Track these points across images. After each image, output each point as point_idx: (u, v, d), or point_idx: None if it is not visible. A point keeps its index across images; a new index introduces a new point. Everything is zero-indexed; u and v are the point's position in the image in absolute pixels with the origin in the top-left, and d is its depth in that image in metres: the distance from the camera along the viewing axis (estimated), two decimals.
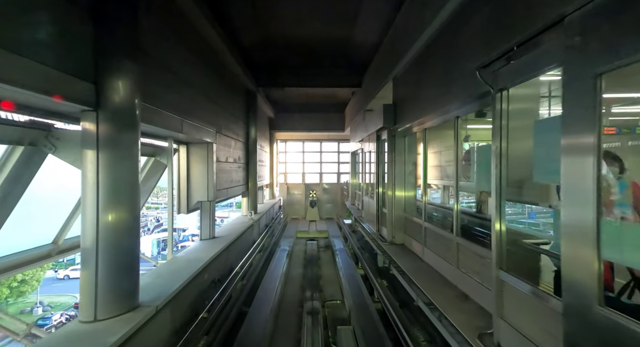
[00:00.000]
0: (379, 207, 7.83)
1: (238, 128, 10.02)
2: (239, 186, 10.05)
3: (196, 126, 6.38)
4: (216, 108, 7.74)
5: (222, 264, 6.74)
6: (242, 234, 8.45)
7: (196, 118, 6.42)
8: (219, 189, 7.85)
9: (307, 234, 14.88)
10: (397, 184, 6.75)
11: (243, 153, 10.80)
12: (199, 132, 6.62)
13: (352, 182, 15.11)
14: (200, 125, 6.61)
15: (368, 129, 8.95)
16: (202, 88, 6.83)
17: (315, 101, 17.01)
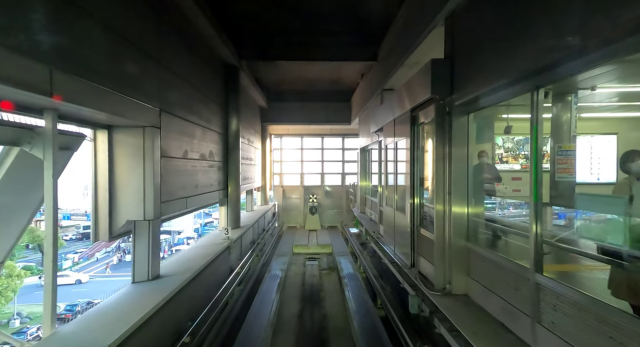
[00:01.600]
0: (415, 228, 5.11)
1: (209, 113, 7.24)
2: (211, 193, 7.28)
3: (110, 93, 3.61)
4: (164, 75, 4.97)
5: (162, 327, 3.98)
6: (208, 266, 5.67)
7: (113, 80, 3.65)
8: (169, 200, 5.07)
9: (306, 250, 12.12)
10: (455, 194, 4.02)
11: (219, 148, 8.02)
12: (121, 107, 3.85)
13: (361, 185, 12.33)
14: (123, 95, 3.84)
15: (391, 113, 6.25)
16: (132, 36, 4.07)
17: (316, 87, 14.23)
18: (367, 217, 11.17)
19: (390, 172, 6.84)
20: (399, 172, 6.16)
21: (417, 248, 5.14)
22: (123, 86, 3.89)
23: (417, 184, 5.19)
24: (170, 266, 5.20)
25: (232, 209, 8.67)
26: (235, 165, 8.82)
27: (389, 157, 7.01)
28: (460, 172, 4.08)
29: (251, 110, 12.34)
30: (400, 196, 6.16)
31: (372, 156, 11.19)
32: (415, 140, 5.22)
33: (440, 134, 4.26)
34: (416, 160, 5.21)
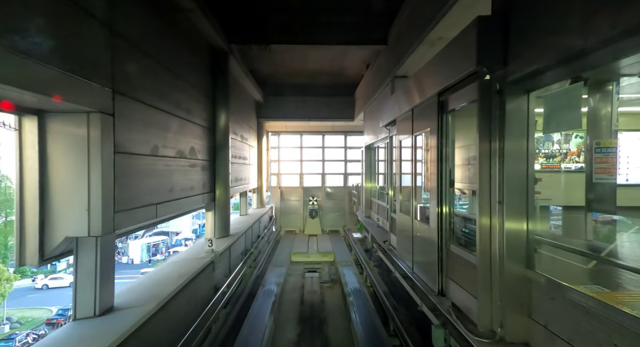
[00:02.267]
0: (443, 244, 4.00)
1: (191, 102, 6.12)
2: (193, 197, 6.15)
3: (26, 62, 2.50)
4: (122, 46, 3.84)
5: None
6: (183, 289, 4.54)
7: (31, 42, 2.55)
8: (129, 209, 3.95)
9: (306, 258, 10.99)
10: (509, 203, 2.92)
11: (204, 144, 6.90)
12: (51, 82, 2.74)
13: (366, 187, 11.20)
14: (49, 66, 2.72)
15: (407, 103, 5.14)
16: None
17: (316, 80, 13.13)
18: (374, 222, 10.05)
19: (407, 172, 5.72)
20: (420, 173, 5.04)
21: (446, 270, 4.01)
22: (52, 52, 2.78)
23: (445, 188, 4.07)
24: (130, 294, 4.07)
25: (220, 215, 7.54)
26: (224, 164, 7.70)
27: (403, 155, 5.89)
28: (517, 174, 2.95)
29: (245, 104, 11.22)
30: (420, 202, 5.04)
31: (380, 155, 10.08)
32: (444, 133, 4.10)
33: (485, 121, 3.13)
34: (445, 159, 4.09)
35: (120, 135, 3.74)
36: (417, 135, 4.99)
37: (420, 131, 4.76)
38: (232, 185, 9.13)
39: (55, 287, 36.21)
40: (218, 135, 7.59)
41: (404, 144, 5.88)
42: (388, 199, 7.09)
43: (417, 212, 5.00)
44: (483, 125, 3.15)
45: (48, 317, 29.41)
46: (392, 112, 6.46)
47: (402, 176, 5.95)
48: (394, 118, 6.31)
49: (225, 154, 7.73)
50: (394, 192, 7.02)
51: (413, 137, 5.10)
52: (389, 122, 6.86)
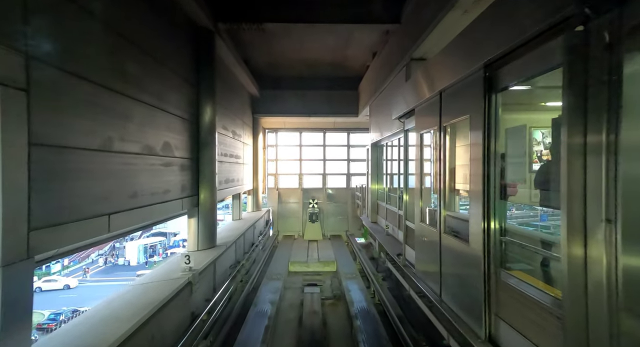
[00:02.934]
0: (492, 271, 2.90)
1: (164, 86, 5.01)
2: (168, 202, 5.05)
3: None
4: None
5: None
6: (144, 326, 3.44)
7: None
8: (65, 222, 2.85)
9: (306, 268, 9.89)
10: (626, 224, 1.86)
11: (184, 139, 5.80)
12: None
13: (372, 189, 10.10)
14: None
15: (429, 87, 4.06)
16: None
17: (316, 72, 12.04)
18: (381, 229, 8.95)
19: (429, 172, 4.63)
20: (450, 174, 3.95)
21: (496, 307, 2.91)
22: None
23: (494, 195, 2.97)
24: (65, 336, 2.96)
25: (204, 223, 6.44)
26: (209, 163, 6.60)
27: (425, 152, 4.79)
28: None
29: (238, 97, 10.12)
30: (452, 212, 3.95)
31: (389, 153, 8.98)
32: (492, 120, 3.00)
33: (578, 97, 2.03)
34: (493, 155, 2.99)
35: (42, 121, 2.64)
36: (447, 125, 3.89)
37: (454, 120, 3.66)
38: (221, 187, 8.04)
39: (48, 290, 35.15)
40: (203, 130, 6.49)
41: (425, 140, 4.78)
42: (402, 204, 5.98)
43: (445, 223, 3.91)
44: (574, 102, 2.04)
45: (39, 322, 28.37)
46: (408, 101, 5.37)
47: (422, 178, 4.85)
48: (410, 108, 5.21)
49: (211, 152, 6.63)
50: (409, 197, 5.92)
51: (440, 129, 4.00)
52: (404, 114, 5.76)
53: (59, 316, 28.47)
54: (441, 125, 3.99)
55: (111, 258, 42.72)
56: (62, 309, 29.48)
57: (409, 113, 5.63)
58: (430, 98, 4.28)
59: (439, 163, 4.06)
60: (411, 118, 5.60)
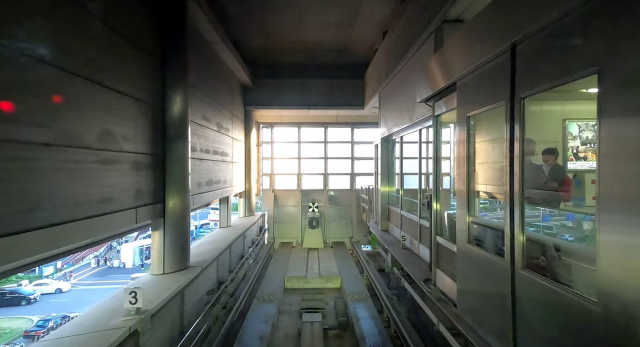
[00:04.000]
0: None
1: (97, 42, 3.52)
2: (112, 214, 3.59)
3: None
4: None
5: None
6: None
7: None
8: None
9: (305, 284, 8.44)
10: None
11: (142, 129, 4.34)
12: None
13: (382, 191, 8.64)
14: None
15: (495, 41, 2.66)
16: None
17: (317, 58, 10.61)
18: (396, 240, 7.49)
19: (474, 171, 3.18)
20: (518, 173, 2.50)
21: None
22: None
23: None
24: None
25: (173, 237, 4.98)
26: (180, 161, 5.14)
27: (473, 143, 3.32)
28: None
29: (224, 83, 8.65)
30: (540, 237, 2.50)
31: (405, 150, 7.51)
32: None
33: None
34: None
35: None
36: (526, 96, 2.42)
37: (549, 84, 2.18)
38: (201, 190, 6.58)
39: (40, 294, 33.66)
40: (171, 118, 5.03)
41: (476, 123, 3.32)
42: (431, 213, 4.51)
43: (524, 253, 2.44)
44: None
45: (27, 329, 27.00)
46: (441, 76, 3.91)
47: (470, 179, 3.37)
48: (447, 83, 3.75)
49: (182, 146, 5.17)
50: (440, 206, 4.46)
51: (512, 103, 2.53)
52: (435, 94, 4.30)
53: (48, 323, 27.06)
54: (515, 97, 2.52)
55: (104, 260, 41.39)
56: (52, 315, 28.07)
57: (442, 92, 4.17)
58: (489, 60, 2.81)
59: (510, 156, 2.59)
60: (447, 98, 4.14)
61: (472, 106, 3.21)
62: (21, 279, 34.77)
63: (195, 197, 6.33)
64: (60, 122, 2.89)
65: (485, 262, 2.92)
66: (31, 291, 31.36)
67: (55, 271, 38.67)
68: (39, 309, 29.35)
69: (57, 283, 34.98)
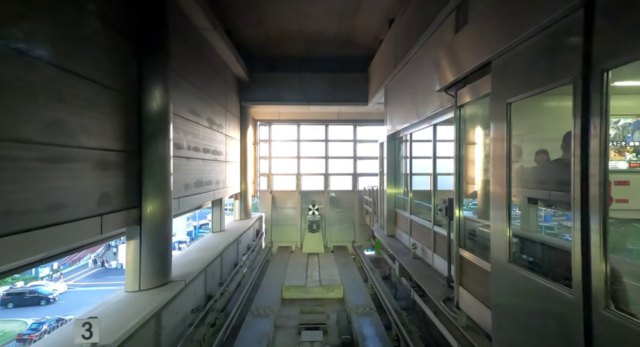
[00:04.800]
0: None
1: (31, 13, 2.82)
2: (66, 225, 2.90)
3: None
4: None
5: None
6: None
7: None
8: None
9: (304, 294, 7.76)
10: None
11: (111, 120, 3.64)
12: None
13: (388, 193, 7.95)
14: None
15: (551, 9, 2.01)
16: None
17: (317, 51, 9.95)
18: (404, 248, 6.80)
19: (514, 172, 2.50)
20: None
21: None
22: None
23: None
24: None
25: (151, 247, 4.29)
26: (160, 160, 4.45)
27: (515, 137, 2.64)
28: None
29: (217, 75, 7.96)
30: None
31: (415, 148, 6.82)
32: None
33: None
34: None
35: None
36: (615, 68, 1.73)
37: None
38: (189, 192, 5.90)
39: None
40: (149, 110, 4.34)
41: (516, 111, 2.63)
42: (455, 223, 3.82)
43: (608, 285, 1.76)
44: None
45: (20, 332, 26.34)
46: (470, 56, 3.23)
47: (509, 181, 2.68)
48: (479, 64, 3.06)
49: (163, 143, 4.48)
50: (460, 213, 3.77)
51: (597, 75, 1.83)
52: (457, 80, 3.61)
53: (42, 326, 26.39)
54: (591, 71, 1.82)
55: (101, 262, 40.75)
56: (46, 318, 27.40)
57: (466, 78, 3.48)
58: (546, 25, 2.12)
59: (584, 153, 1.89)
60: (473, 85, 3.44)
61: (516, 89, 2.52)
62: (16, 281, 34.13)
63: (181, 201, 5.65)
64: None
65: (540, 291, 2.23)
66: (50, 291, 30.83)
67: (52, 272, 38.03)
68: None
69: (54, 285, 34.34)
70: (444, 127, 5.51)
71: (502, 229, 2.67)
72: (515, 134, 2.67)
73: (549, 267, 2.37)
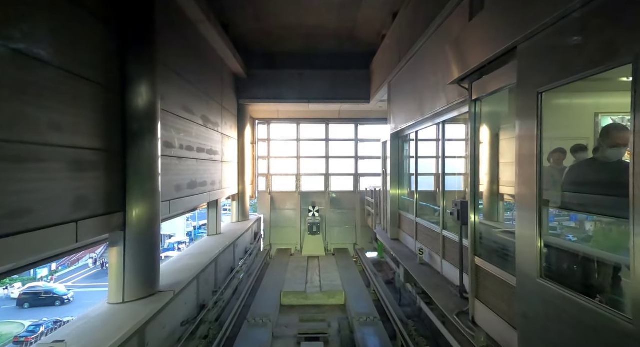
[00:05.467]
0: None
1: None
2: (32, 233, 2.52)
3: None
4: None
5: None
6: None
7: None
8: None
9: (303, 301, 7.40)
10: None
11: (89, 115, 3.27)
12: None
13: (392, 194, 7.58)
14: None
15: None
16: None
17: (318, 47, 9.62)
18: (409, 252, 6.44)
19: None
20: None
21: None
22: None
23: None
24: None
25: (137, 254, 3.94)
26: (147, 160, 4.09)
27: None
28: None
29: (212, 71, 7.61)
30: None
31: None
32: None
33: None
34: None
35: None
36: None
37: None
38: (180, 194, 5.55)
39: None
40: (134, 106, 3.98)
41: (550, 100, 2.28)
42: (469, 228, 3.45)
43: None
44: None
45: (17, 334, 25.96)
46: (489, 43, 2.87)
47: (540, 179, 2.33)
48: (499, 51, 2.71)
49: (150, 141, 4.12)
50: (476, 217, 3.42)
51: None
52: (473, 71, 3.26)
53: (39, 328, 26.02)
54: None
55: (101, 263, 40.39)
56: (43, 320, 27.02)
57: (482, 68, 3.13)
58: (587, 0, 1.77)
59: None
60: (491, 76, 3.09)
61: (551, 76, 2.16)
62: (14, 282, 33.77)
63: (172, 203, 5.29)
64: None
65: (583, 316, 1.86)
66: (65, 291, 30.56)
67: (49, 273, 37.68)
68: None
69: (52, 285, 33.97)
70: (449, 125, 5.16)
71: (531, 237, 2.31)
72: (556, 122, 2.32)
73: (596, 286, 2.01)
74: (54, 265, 38.39)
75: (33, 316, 27.46)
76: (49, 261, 3.33)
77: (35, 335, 24.96)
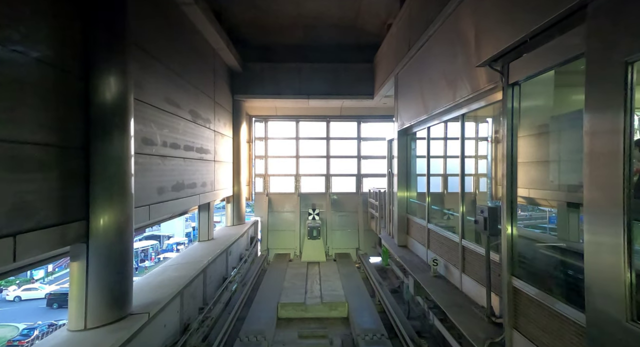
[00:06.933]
0: None
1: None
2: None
3: None
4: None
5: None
6: None
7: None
8: None
9: (303, 313, 6.76)
10: None
11: (39, 105, 2.63)
12: None
13: (399, 197, 6.93)
14: None
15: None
16: None
17: (318, 39, 9.00)
18: (420, 262, 5.78)
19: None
20: None
21: None
22: None
23: None
24: None
25: (103, 269, 3.30)
26: (116, 160, 3.44)
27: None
28: None
29: (202, 61, 6.96)
30: None
31: (430, 145, 5.81)
32: None
33: None
34: None
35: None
36: None
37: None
38: (163, 197, 4.90)
39: (29, 299, 32.07)
40: (100, 94, 3.34)
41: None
42: (505, 242, 2.81)
43: None
44: None
45: (11, 338, 25.31)
46: (537, 8, 2.23)
47: (630, 190, 1.69)
48: (555, 16, 2.06)
49: (121, 136, 3.48)
50: (513, 229, 2.78)
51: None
52: (512, 48, 2.62)
53: (33, 331, 25.37)
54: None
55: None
56: (37, 323, 26.38)
57: (521, 46, 2.49)
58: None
59: None
60: (536, 52, 2.44)
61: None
62: (10, 284, 33.15)
63: (153, 208, 4.65)
64: None
65: None
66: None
67: (46, 275, 37.06)
68: (27, 315, 27.73)
69: (50, 287, 33.38)
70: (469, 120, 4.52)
71: (614, 265, 1.67)
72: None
73: None
74: (51, 266, 37.82)
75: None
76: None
77: (29, 339, 24.34)
